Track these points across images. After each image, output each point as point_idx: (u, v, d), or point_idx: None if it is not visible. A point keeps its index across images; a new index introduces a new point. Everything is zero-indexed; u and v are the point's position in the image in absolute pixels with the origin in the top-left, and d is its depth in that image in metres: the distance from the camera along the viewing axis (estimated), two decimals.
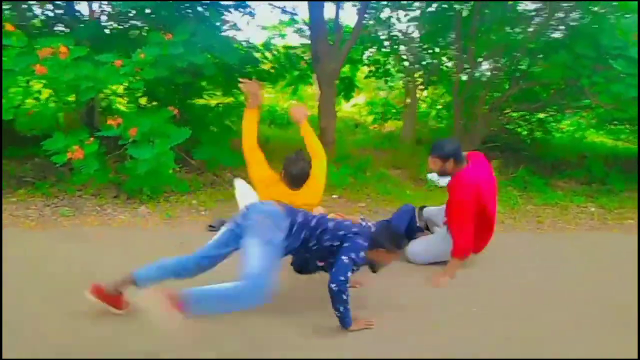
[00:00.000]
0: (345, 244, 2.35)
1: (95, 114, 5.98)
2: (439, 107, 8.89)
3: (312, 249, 2.42)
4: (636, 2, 4.67)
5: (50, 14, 5.79)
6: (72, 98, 5.85)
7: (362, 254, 2.35)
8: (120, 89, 5.89)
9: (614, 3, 5.03)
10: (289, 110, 3.20)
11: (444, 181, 6.06)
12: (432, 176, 6.09)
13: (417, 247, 3.36)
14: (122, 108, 6.58)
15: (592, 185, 6.29)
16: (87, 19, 5.60)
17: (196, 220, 4.13)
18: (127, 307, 2.40)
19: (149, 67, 4.00)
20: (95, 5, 5.63)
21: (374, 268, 2.55)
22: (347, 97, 8.74)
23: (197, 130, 5.54)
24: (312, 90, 13.06)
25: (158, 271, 2.34)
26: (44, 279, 2.75)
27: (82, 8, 5.85)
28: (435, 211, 3.65)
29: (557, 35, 6.56)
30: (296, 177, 2.91)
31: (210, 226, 3.89)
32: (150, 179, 4.24)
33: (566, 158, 7.49)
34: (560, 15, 6.29)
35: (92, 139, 4.11)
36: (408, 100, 8.10)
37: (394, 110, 9.38)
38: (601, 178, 6.45)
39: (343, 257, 2.31)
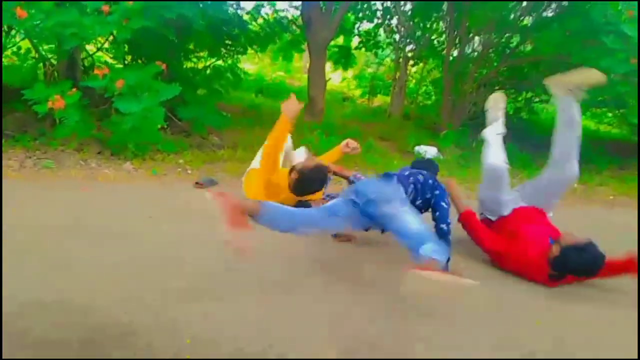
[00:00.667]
0: (437, 192, 2.71)
1: (77, 70, 5.78)
2: (428, 83, 8.87)
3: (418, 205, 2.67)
4: None
5: None
6: (53, 58, 5.66)
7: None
8: (106, 44, 5.67)
9: None
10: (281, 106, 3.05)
11: (430, 154, 6.13)
12: (420, 148, 6.16)
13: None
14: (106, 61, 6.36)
15: None
16: None
17: (183, 178, 4.06)
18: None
19: (137, 16, 3.85)
20: None
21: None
22: (346, 67, 8.63)
23: (184, 91, 5.45)
24: (298, 63, 12.93)
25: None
26: (28, 225, 2.66)
27: None
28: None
29: (549, 13, 6.59)
30: (306, 192, 2.92)
31: (197, 183, 3.83)
32: (137, 134, 4.13)
33: (550, 137, 7.58)
34: None
35: (74, 89, 3.97)
36: (397, 75, 8.05)
37: (381, 83, 9.32)
38: (584, 158, 6.55)
39: (442, 204, 2.70)
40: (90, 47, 5.70)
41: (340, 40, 8.51)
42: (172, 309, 1.93)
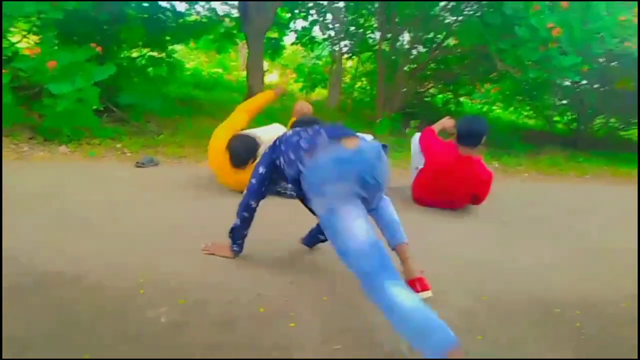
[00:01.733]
0: None
1: None
2: (362, 77, 9.23)
3: None
4: None
5: None
6: None
7: None
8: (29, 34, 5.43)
9: None
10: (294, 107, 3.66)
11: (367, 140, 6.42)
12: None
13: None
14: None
15: (496, 149, 6.97)
16: None
17: (122, 160, 4.02)
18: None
19: None
20: None
21: None
22: (273, 58, 8.80)
23: (120, 79, 5.36)
24: (235, 62, 12.93)
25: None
26: None
27: None
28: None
29: (469, 10, 7.14)
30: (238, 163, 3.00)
31: (138, 162, 3.82)
32: (71, 117, 4.04)
33: None
34: None
35: (4, 70, 3.83)
36: (334, 68, 8.33)
37: (318, 77, 9.58)
38: (504, 144, 7.16)
39: None
40: (14, 38, 5.46)
41: (274, 34, 8.66)
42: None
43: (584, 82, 7.59)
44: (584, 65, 4.95)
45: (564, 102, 8.98)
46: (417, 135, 3.75)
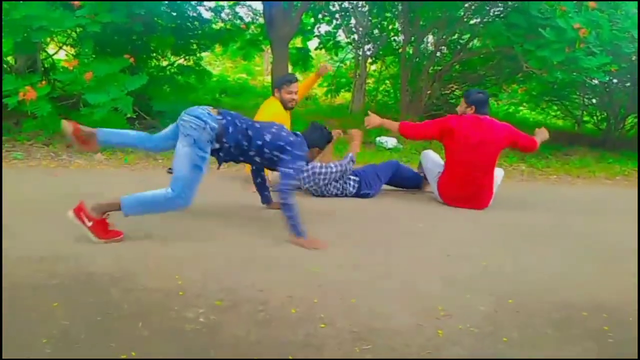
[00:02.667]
0: (284, 156, 2.56)
1: (37, 71, 5.77)
2: (386, 80, 9.26)
3: (253, 157, 2.63)
4: None
5: None
6: (10, 58, 5.63)
7: (300, 162, 2.60)
8: (66, 46, 5.71)
9: None
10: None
11: (391, 143, 6.45)
12: (381, 139, 6.49)
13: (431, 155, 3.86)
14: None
15: None
16: None
17: (154, 166, 4.18)
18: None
19: (106, 10, 3.97)
20: None
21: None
22: (305, 68, 8.89)
23: (151, 88, 5.56)
24: (260, 67, 13.12)
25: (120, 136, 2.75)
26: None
27: None
28: (431, 157, 3.88)
29: (495, 11, 7.10)
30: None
31: (169, 169, 3.96)
32: (106, 126, 4.20)
33: None
34: None
35: (44, 82, 4.04)
36: (358, 72, 8.40)
37: (343, 80, 9.65)
38: None
39: (283, 169, 2.54)
40: (51, 49, 5.74)
41: (298, 42, 8.78)
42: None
43: (614, 80, 7.44)
44: (613, 65, 4.87)
45: (593, 101, 8.80)
46: (426, 152, 3.92)
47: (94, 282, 1.88)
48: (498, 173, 3.69)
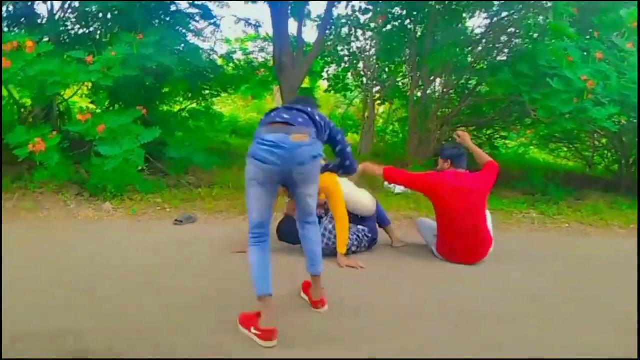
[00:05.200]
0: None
1: (53, 116, 5.91)
2: (395, 122, 9.32)
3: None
4: (568, 28, 5.22)
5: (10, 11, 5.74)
6: (27, 101, 5.79)
7: None
8: (83, 90, 5.85)
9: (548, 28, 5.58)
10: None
11: (399, 189, 6.44)
12: (389, 185, 6.47)
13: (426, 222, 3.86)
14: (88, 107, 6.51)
15: (534, 195, 6.80)
16: (48, 19, 5.60)
17: (162, 217, 4.19)
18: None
19: (119, 65, 4.08)
20: (57, 6, 5.64)
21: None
22: None
23: (163, 134, 5.64)
24: (271, 104, 13.32)
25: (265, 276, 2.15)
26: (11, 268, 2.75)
27: (42, 9, 5.86)
28: (427, 224, 3.88)
29: (501, 57, 7.19)
30: None
31: (176, 220, 3.97)
32: (117, 176, 4.28)
33: (510, 171, 8.06)
34: (504, 39, 6.92)
35: (54, 133, 4.13)
36: (366, 115, 8.47)
37: (350, 123, 9.75)
38: (541, 189, 6.99)
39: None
40: (68, 91, 5.88)
41: (306, 81, 8.93)
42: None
43: (624, 121, 7.39)
44: (622, 116, 4.85)
45: (603, 141, 8.71)
46: (420, 220, 3.96)
47: None
48: (487, 216, 3.65)
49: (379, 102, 8.57)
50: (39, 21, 5.64)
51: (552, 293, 3.01)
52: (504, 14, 6.80)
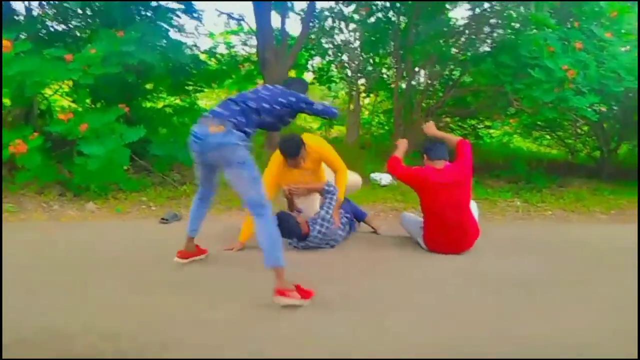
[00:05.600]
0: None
1: (33, 116, 5.80)
2: (380, 114, 9.35)
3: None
4: (549, 19, 5.28)
5: None
6: (7, 101, 5.68)
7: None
8: (65, 87, 5.75)
9: (531, 19, 5.63)
10: None
11: (385, 181, 6.47)
12: (375, 175, 6.51)
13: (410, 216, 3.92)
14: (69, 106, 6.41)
15: (518, 183, 6.90)
16: (25, 16, 5.48)
17: (147, 215, 4.17)
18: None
19: (99, 63, 4.02)
20: (35, 3, 5.53)
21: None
22: None
23: (146, 131, 5.59)
24: None
25: (193, 221, 2.95)
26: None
27: (19, 7, 5.72)
28: (411, 219, 3.92)
29: (484, 48, 7.23)
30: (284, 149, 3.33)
31: (162, 219, 3.95)
32: (100, 176, 4.24)
33: (495, 160, 8.16)
34: (487, 29, 6.96)
35: (36, 134, 4.07)
36: (351, 107, 8.47)
37: None
38: (525, 177, 7.10)
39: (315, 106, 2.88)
40: (48, 90, 5.79)
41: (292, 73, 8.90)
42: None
43: (604, 109, 7.50)
44: (602, 105, 4.93)
45: (585, 129, 8.84)
46: (403, 214, 4.01)
47: None
48: (473, 206, 3.69)
49: (363, 94, 8.58)
50: (16, 17, 5.52)
51: (539, 280, 3.07)
52: (486, 5, 6.83)
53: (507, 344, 2.17)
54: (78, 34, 5.83)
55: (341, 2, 7.70)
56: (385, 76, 8.48)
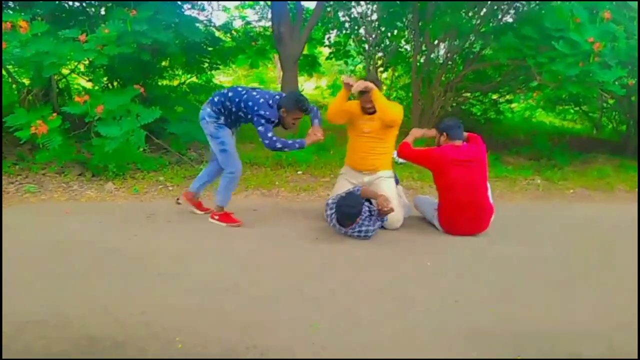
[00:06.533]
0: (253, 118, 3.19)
1: (53, 94, 5.86)
2: (398, 89, 9.17)
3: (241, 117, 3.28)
4: None
5: None
6: (26, 80, 5.73)
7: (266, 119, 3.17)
8: (81, 67, 5.78)
9: None
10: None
11: (403, 160, 6.40)
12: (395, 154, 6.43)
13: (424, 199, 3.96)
14: (85, 87, 6.46)
15: (540, 160, 6.74)
16: None
17: (164, 195, 4.21)
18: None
19: (113, 43, 4.01)
20: None
21: (284, 126, 3.36)
22: (310, 73, 8.90)
23: (162, 110, 5.60)
24: (273, 73, 13.14)
25: (199, 181, 3.66)
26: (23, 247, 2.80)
27: None
28: (425, 201, 3.91)
29: (507, 19, 6.97)
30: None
31: (178, 200, 3.98)
32: (118, 156, 4.28)
33: (516, 136, 7.98)
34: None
35: (55, 114, 4.11)
36: None
37: None
38: (547, 154, 6.93)
39: (258, 128, 3.17)
40: (65, 70, 5.82)
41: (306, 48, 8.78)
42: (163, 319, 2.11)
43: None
44: (630, 79, 4.73)
45: (611, 102, 8.52)
46: (417, 197, 4.03)
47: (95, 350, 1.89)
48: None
49: (381, 68, 8.41)
50: None
51: (548, 268, 3.02)
52: None
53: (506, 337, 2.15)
54: (93, 12, 5.80)
55: None
56: (403, 50, 8.28)
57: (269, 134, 3.15)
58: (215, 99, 3.30)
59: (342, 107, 3.61)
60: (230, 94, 3.26)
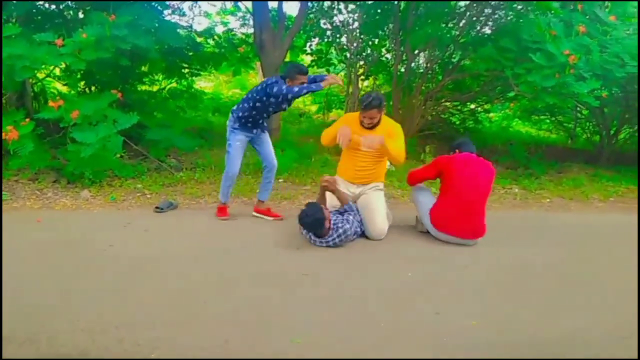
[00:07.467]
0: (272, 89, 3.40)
1: (27, 98, 5.71)
2: None
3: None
4: (552, 3, 5.16)
5: None
6: None
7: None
8: (57, 71, 5.65)
9: (534, 2, 5.51)
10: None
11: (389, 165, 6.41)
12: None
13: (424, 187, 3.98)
14: (60, 91, 6.31)
15: (517, 169, 6.86)
16: None
17: (142, 203, 4.12)
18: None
19: (91, 47, 3.93)
20: None
21: None
22: None
23: (141, 115, 5.51)
24: (254, 79, 13.07)
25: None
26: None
27: None
28: (425, 194, 3.91)
29: (485, 30, 7.10)
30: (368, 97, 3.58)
31: (157, 207, 3.91)
32: (94, 162, 4.18)
33: (494, 145, 8.10)
34: (488, 11, 6.82)
35: (27, 120, 3.99)
36: (350, 90, 8.35)
37: (334, 98, 9.66)
38: (524, 163, 7.05)
39: (274, 90, 3.37)
40: (40, 74, 5.67)
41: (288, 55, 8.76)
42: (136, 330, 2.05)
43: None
44: (603, 91, 4.85)
45: (585, 113, 8.73)
46: (421, 185, 3.99)
47: None
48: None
49: (362, 77, 8.45)
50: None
51: (533, 273, 3.06)
52: None
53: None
54: (71, 15, 5.68)
55: None
56: (384, 59, 8.35)
57: (284, 87, 3.36)
58: (235, 107, 3.69)
59: (338, 126, 3.58)
60: (246, 99, 3.62)
